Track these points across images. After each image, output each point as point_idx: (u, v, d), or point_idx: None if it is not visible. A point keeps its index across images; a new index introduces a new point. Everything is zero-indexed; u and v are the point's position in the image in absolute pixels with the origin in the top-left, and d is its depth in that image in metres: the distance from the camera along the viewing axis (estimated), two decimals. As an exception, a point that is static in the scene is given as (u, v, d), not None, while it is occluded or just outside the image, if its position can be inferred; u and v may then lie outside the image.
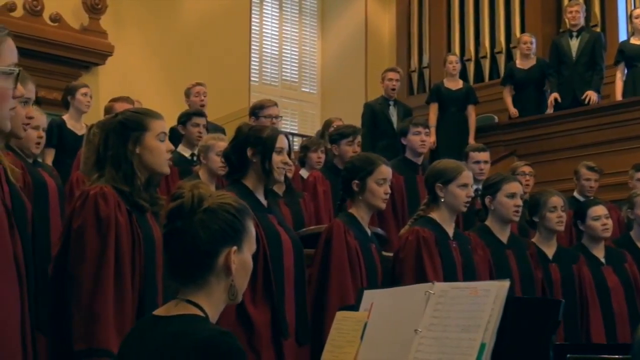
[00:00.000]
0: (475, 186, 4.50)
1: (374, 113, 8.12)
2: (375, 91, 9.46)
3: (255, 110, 5.82)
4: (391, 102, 8.16)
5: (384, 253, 4.08)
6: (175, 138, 5.53)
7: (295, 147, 8.37)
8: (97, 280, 2.82)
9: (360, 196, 3.94)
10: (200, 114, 6.00)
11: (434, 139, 8.19)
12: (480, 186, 4.83)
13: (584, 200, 5.92)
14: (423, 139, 5.56)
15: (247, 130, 3.63)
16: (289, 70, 11.25)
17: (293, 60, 11.29)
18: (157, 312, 1.97)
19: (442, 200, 4.05)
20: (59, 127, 6.22)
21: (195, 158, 5.64)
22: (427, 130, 5.73)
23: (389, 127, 7.97)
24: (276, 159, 3.54)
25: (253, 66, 10.61)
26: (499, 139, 8.82)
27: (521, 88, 8.82)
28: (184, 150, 5.80)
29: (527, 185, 6.18)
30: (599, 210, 4.96)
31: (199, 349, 1.79)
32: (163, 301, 2.82)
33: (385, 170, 3.96)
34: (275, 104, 5.91)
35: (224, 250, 1.92)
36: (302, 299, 3.60)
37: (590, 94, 8.36)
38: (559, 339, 4.08)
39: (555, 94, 8.54)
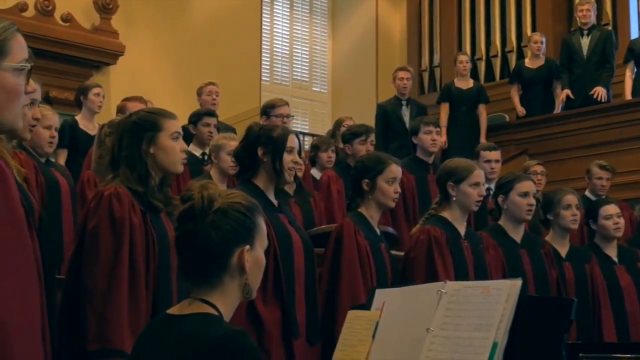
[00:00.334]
0: (486, 185, 4.49)
1: (386, 114, 8.04)
2: (386, 90, 9.44)
3: (267, 110, 5.80)
4: (404, 102, 8.07)
5: (393, 253, 4.07)
6: (186, 137, 5.52)
7: (305, 147, 8.37)
8: (111, 280, 2.83)
9: (370, 195, 3.93)
10: (211, 114, 6.00)
11: (444, 139, 8.10)
12: (491, 185, 4.82)
13: (595, 200, 5.91)
14: (434, 138, 5.54)
15: (258, 129, 3.63)
16: (299, 70, 11.25)
17: (304, 59, 11.29)
18: (171, 311, 1.97)
19: (454, 199, 4.04)
20: (71, 128, 6.26)
21: (206, 157, 5.65)
22: (438, 129, 5.70)
23: (402, 127, 7.86)
24: (287, 158, 3.54)
25: (264, 66, 10.63)
26: (510, 138, 8.79)
27: (529, 87, 8.78)
28: (195, 150, 5.80)
29: (539, 184, 6.17)
30: (611, 209, 4.95)
31: (213, 347, 1.79)
32: (177, 301, 2.82)
33: (395, 169, 3.95)
34: (287, 103, 5.89)
35: (236, 250, 1.92)
36: (313, 299, 3.59)
37: (599, 90, 8.28)
38: (572, 338, 4.07)
39: (567, 91, 8.48)
